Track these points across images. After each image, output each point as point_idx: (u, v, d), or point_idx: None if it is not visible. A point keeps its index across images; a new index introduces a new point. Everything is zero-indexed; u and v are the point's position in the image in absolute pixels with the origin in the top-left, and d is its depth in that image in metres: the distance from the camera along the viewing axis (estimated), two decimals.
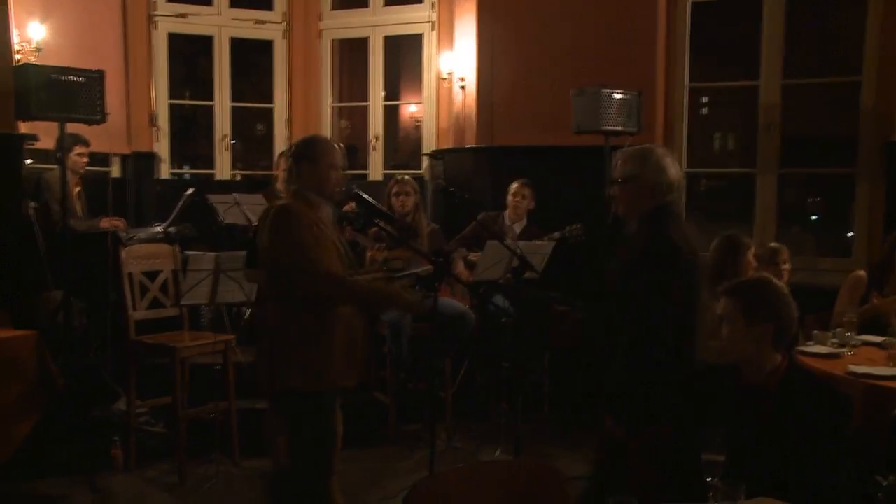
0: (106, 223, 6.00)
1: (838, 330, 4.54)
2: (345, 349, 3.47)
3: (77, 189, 6.17)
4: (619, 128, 5.44)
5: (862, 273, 5.10)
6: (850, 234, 5.36)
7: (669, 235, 3.07)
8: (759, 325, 2.61)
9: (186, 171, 9.22)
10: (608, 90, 5.37)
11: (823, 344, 4.44)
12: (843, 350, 4.36)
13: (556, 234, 5.85)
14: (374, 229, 5.03)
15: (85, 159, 6.19)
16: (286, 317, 3.40)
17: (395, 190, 5.85)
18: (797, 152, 6.67)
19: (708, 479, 2.25)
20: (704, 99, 7.73)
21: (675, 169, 3.26)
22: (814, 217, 8.74)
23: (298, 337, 3.38)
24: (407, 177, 6.00)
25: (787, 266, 5.07)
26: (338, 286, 3.40)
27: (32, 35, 6.32)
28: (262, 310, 3.58)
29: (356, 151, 8.27)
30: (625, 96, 5.46)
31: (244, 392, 5.41)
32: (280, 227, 3.36)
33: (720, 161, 7.30)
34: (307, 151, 3.53)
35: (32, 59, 6.04)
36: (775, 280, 2.78)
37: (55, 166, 5.90)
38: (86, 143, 6.13)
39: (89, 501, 4.73)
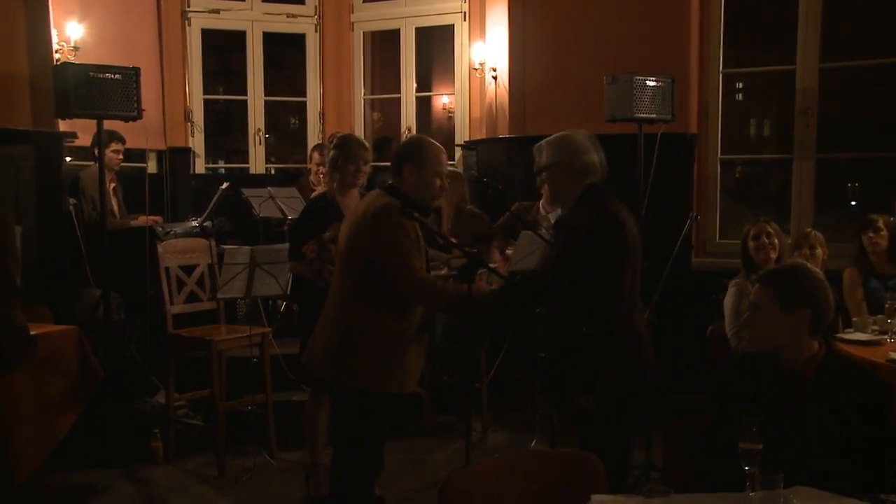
0: (143, 220, 6.06)
1: (879, 317, 4.48)
2: (414, 354, 3.51)
3: (112, 185, 6.23)
4: (653, 115, 5.39)
5: (853, 270, 5.16)
6: (893, 219, 5.28)
7: (614, 212, 3.19)
8: (794, 313, 2.58)
9: (221, 165, 9.39)
10: (641, 77, 5.33)
11: (864, 331, 4.39)
12: (884, 337, 4.30)
13: None
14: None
15: (120, 156, 6.24)
16: (365, 315, 3.39)
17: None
18: (835, 137, 6.57)
19: (745, 469, 2.23)
20: (739, 84, 7.63)
21: (596, 151, 3.39)
22: (853, 203, 8.60)
23: (377, 337, 3.39)
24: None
25: (820, 251, 5.02)
26: (433, 294, 3.38)
27: (70, 34, 6.42)
28: (309, 302, 3.61)
29: (389, 143, 8.25)
30: (658, 83, 5.40)
31: (281, 385, 5.45)
32: (384, 227, 3.32)
33: (755, 147, 7.19)
34: (414, 156, 3.49)
35: (71, 58, 6.14)
36: (810, 266, 2.75)
37: (92, 163, 5.99)
38: (122, 140, 6.18)
39: (130, 492, 4.79)
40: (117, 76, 5.08)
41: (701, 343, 4.95)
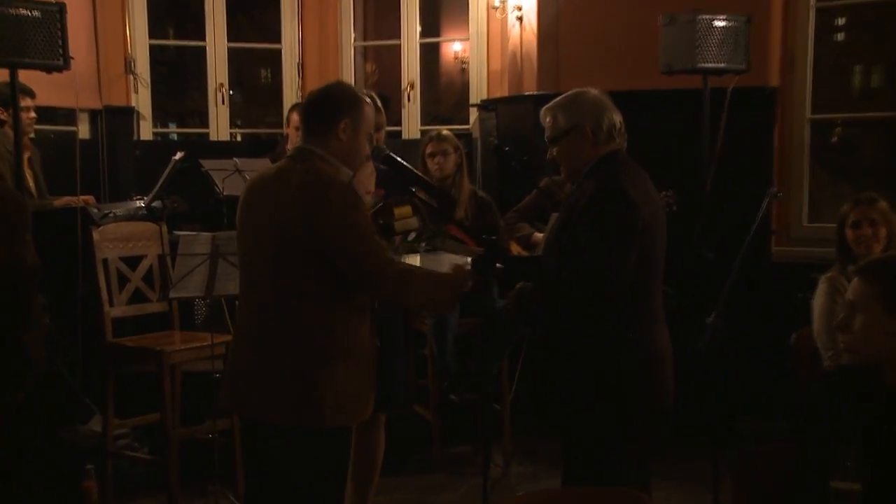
0: (67, 202, 6.04)
1: None
2: (373, 367, 3.50)
3: (27, 155, 6.04)
4: (722, 65, 5.38)
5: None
6: None
7: (622, 187, 3.32)
8: None
9: (173, 130, 9.30)
10: (707, 16, 5.31)
11: None
12: None
13: None
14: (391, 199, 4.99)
15: (32, 114, 6.11)
16: (324, 326, 3.34)
17: (429, 149, 5.87)
18: None
19: None
20: (838, 21, 7.54)
21: (615, 109, 3.54)
22: None
23: (328, 352, 3.34)
24: (445, 132, 6.00)
25: None
26: (411, 285, 3.40)
27: None
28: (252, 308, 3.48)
29: (388, 103, 8.22)
30: (729, 23, 5.39)
31: None
32: (343, 212, 3.28)
33: (859, 104, 7.10)
34: (352, 108, 3.46)
35: None
36: None
37: None
38: (31, 95, 6.02)
39: None
40: (35, 13, 5.03)
41: (783, 353, 4.97)
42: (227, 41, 8.23)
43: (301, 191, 3.27)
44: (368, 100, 3.56)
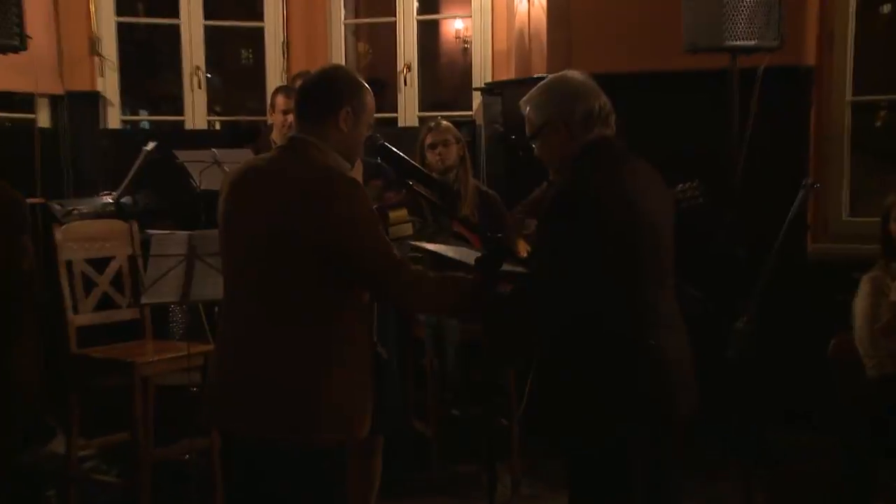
0: None
1: None
2: (371, 378, 3.49)
3: None
4: (752, 42, 5.31)
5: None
6: None
7: (588, 180, 3.31)
8: None
9: (144, 117, 9.31)
10: None
11: None
12: None
13: None
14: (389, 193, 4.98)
15: None
16: (305, 329, 3.29)
17: (430, 140, 5.85)
18: None
19: None
20: None
21: (594, 93, 3.50)
22: None
23: (324, 361, 3.30)
24: (445, 122, 6.00)
25: None
26: (426, 288, 3.39)
27: None
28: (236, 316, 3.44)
29: (382, 87, 8.27)
30: None
31: None
32: (355, 208, 3.25)
33: None
34: (354, 95, 3.44)
35: None
36: None
37: None
38: None
39: None
40: None
41: (821, 361, 4.92)
42: (204, 19, 8.20)
43: (306, 185, 3.24)
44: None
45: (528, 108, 3.60)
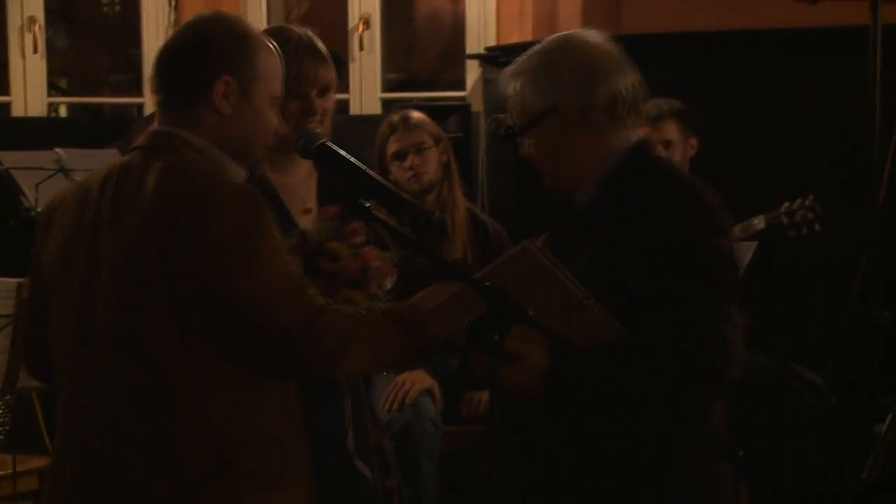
0: None
1: None
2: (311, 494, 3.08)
3: None
4: None
5: None
6: None
7: (710, 203, 2.98)
8: None
9: None
10: None
11: None
12: None
13: (759, 222, 5.28)
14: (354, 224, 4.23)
15: None
16: (196, 422, 2.82)
17: (394, 146, 5.04)
18: None
19: None
20: None
21: (621, 67, 3.05)
22: None
23: (229, 470, 2.84)
24: (417, 114, 5.15)
25: None
26: (364, 342, 2.91)
27: None
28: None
29: (340, 62, 7.44)
30: None
31: None
32: (236, 233, 2.80)
33: None
34: (236, 57, 2.94)
35: None
36: None
37: None
38: None
39: None
40: None
41: None
42: None
43: (163, 202, 2.80)
44: (272, 40, 3.01)
45: (518, 84, 3.12)
